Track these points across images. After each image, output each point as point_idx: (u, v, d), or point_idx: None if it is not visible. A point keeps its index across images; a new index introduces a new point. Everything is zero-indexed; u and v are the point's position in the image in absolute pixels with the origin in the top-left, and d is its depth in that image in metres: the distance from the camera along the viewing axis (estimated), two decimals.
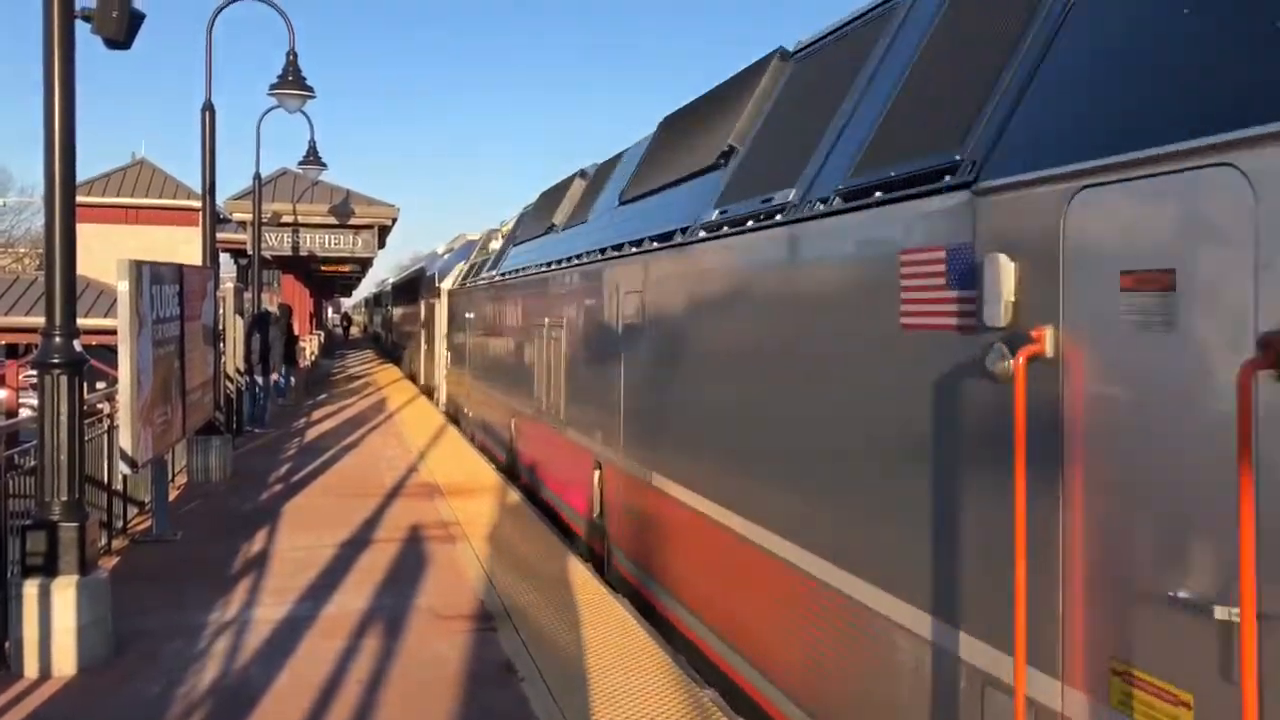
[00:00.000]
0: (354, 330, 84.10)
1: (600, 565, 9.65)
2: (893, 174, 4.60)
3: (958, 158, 4.09)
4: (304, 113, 19.33)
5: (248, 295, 21.11)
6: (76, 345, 6.78)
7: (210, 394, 12.75)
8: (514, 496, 12.47)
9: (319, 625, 7.50)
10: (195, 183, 24.54)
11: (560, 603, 8.03)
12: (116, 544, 9.96)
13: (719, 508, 6.58)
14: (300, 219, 27.93)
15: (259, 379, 19.70)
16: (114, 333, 9.13)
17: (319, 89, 16.87)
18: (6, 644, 6.51)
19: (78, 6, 6.83)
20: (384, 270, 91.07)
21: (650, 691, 6.21)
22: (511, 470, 14.68)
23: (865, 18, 5.96)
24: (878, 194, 4.68)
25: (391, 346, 48.93)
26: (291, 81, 16.01)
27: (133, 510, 11.07)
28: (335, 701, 6.05)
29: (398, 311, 45.47)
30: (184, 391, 10.52)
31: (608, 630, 7.35)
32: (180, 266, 10.60)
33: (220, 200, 26.46)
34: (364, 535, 10.39)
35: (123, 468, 9.17)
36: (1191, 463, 2.92)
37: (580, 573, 8.94)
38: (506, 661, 6.74)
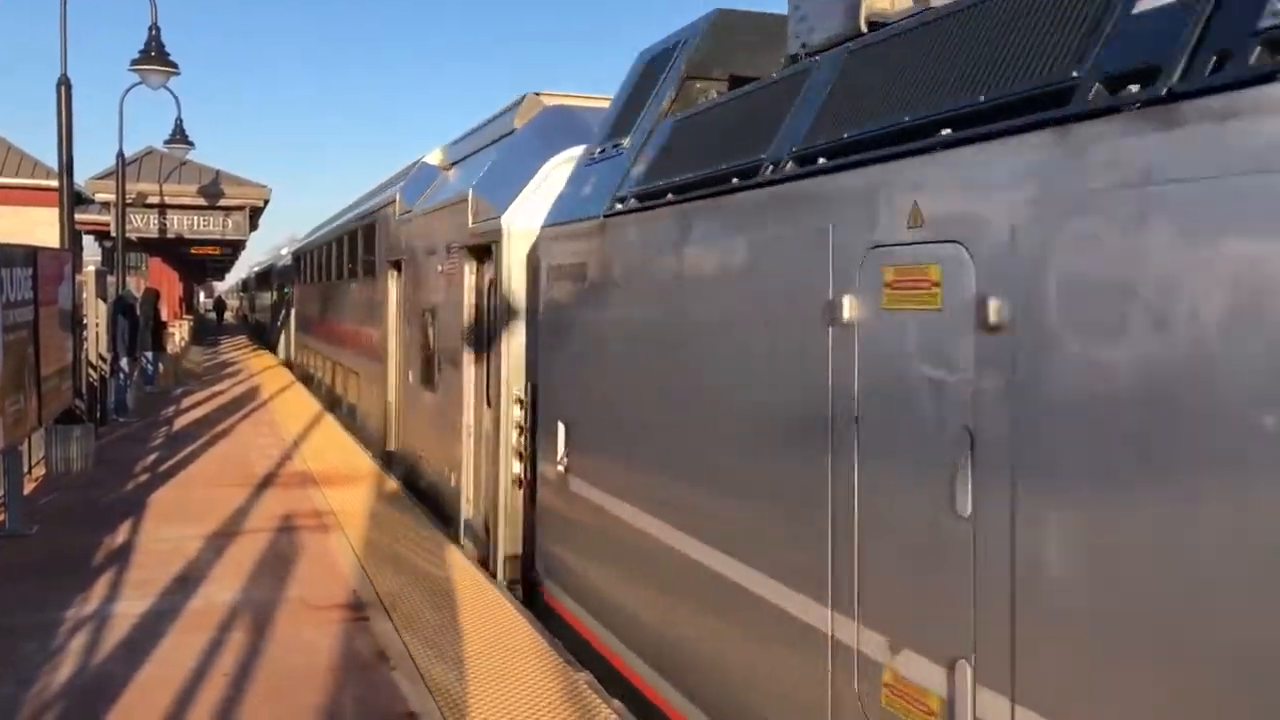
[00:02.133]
0: (228, 316, 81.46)
1: None
2: None
3: None
4: (169, 89, 18.65)
5: (111, 279, 20.29)
6: None
7: (69, 381, 12.23)
8: (391, 485, 12.29)
9: (184, 619, 7.29)
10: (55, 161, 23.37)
11: (436, 590, 7.96)
12: None
13: None
14: (167, 200, 26.94)
15: (123, 366, 18.97)
16: None
17: (186, 65, 16.29)
18: None
19: None
20: (259, 253, 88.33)
21: (525, 675, 6.21)
22: None
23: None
24: None
25: (283, 352, 32.05)
26: (154, 56, 15.40)
27: None
28: (199, 696, 5.90)
29: (308, 298, 25.09)
30: (39, 379, 10.07)
31: (484, 616, 7.32)
32: (34, 249, 10.13)
33: (82, 180, 25.39)
34: (234, 526, 10.12)
35: None
36: None
37: (457, 560, 8.87)
38: (379, 650, 6.66)
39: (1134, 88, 2.87)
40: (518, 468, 8.50)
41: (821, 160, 4.24)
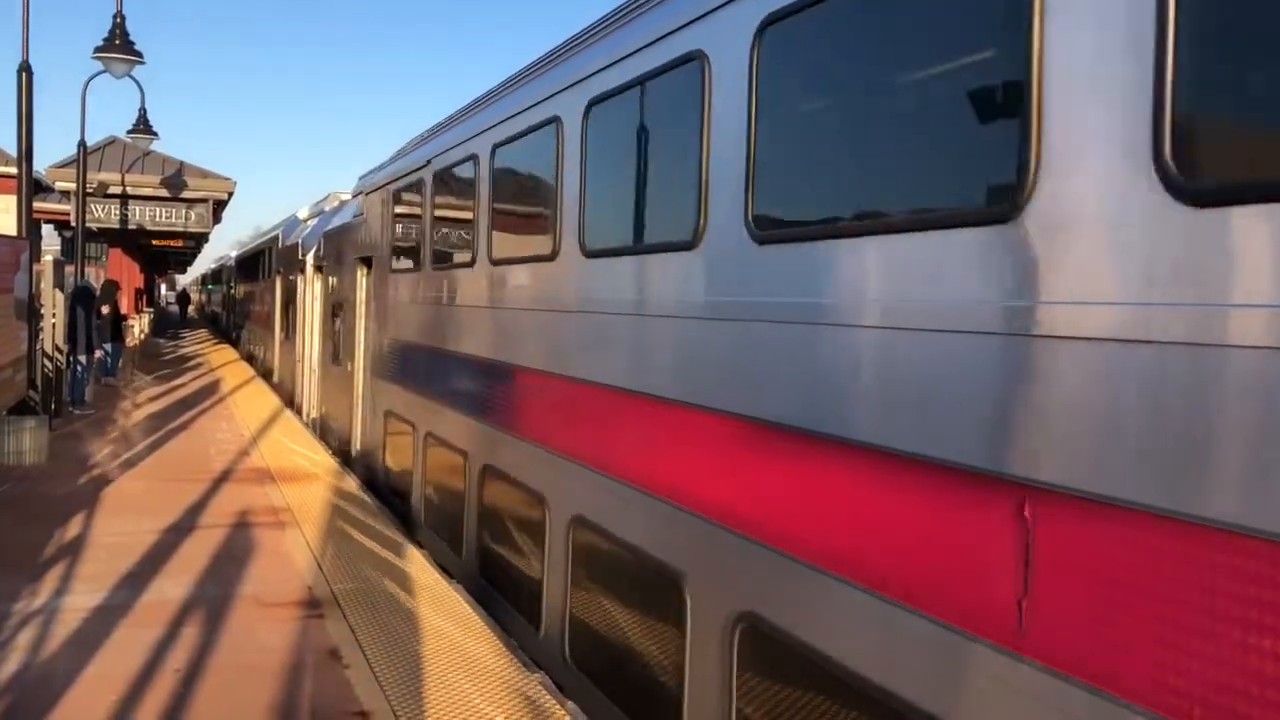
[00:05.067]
0: (191, 310, 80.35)
1: None
2: None
3: None
4: (134, 78, 18.40)
5: (70, 269, 20.02)
6: None
7: (23, 372, 12.07)
8: (350, 483, 12.21)
9: (135, 614, 7.20)
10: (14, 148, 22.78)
11: (393, 589, 7.92)
12: None
13: None
14: (129, 190, 26.57)
15: (81, 357, 18.72)
16: None
17: (152, 54, 16.11)
18: None
19: None
20: (225, 246, 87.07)
21: (480, 674, 6.19)
22: None
23: None
24: None
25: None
26: (118, 45, 15.21)
27: None
28: (148, 692, 5.82)
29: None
30: None
31: (441, 615, 7.29)
32: None
33: (42, 168, 25.00)
34: (188, 521, 10.01)
35: None
36: None
37: (415, 559, 8.82)
38: (332, 648, 6.61)
39: None
40: None
41: None
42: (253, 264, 31.15)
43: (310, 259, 17.19)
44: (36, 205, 17.32)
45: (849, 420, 3.85)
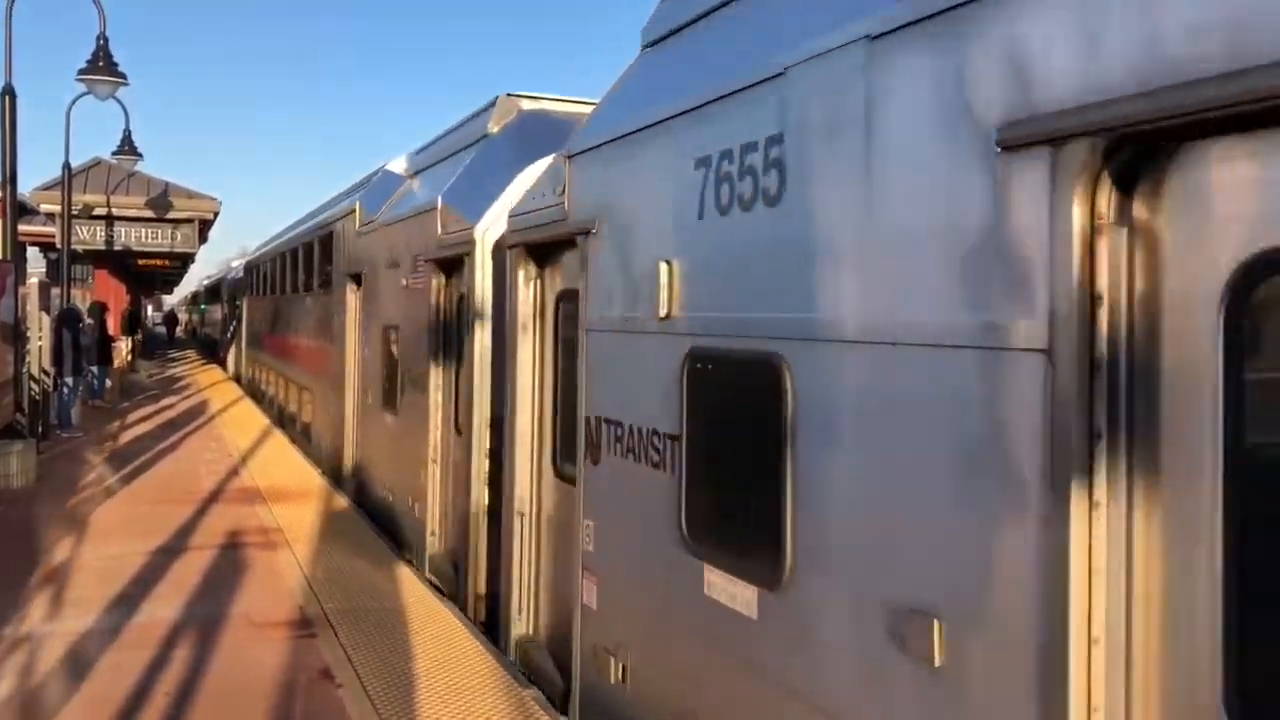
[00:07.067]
0: (180, 331, 79.76)
1: None
2: None
3: None
4: (118, 100, 18.39)
5: (56, 291, 19.95)
6: None
7: (10, 395, 12.01)
8: (340, 502, 12.17)
9: (125, 637, 7.16)
10: None
11: (384, 608, 7.89)
12: None
13: None
14: (115, 211, 26.54)
15: (67, 380, 18.64)
16: None
17: (137, 75, 16.10)
18: None
19: None
20: (210, 266, 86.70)
21: (472, 693, 6.17)
22: None
23: None
24: None
25: None
26: (102, 66, 15.20)
27: None
28: (139, 716, 5.79)
29: None
30: None
31: (432, 634, 7.26)
32: None
33: (27, 190, 24.96)
34: (178, 543, 9.96)
35: None
36: None
37: (406, 578, 8.79)
38: (324, 668, 6.58)
39: None
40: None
41: None
42: (278, 270, 19.58)
43: (483, 235, 7.80)
44: (21, 228, 17.28)
45: None
